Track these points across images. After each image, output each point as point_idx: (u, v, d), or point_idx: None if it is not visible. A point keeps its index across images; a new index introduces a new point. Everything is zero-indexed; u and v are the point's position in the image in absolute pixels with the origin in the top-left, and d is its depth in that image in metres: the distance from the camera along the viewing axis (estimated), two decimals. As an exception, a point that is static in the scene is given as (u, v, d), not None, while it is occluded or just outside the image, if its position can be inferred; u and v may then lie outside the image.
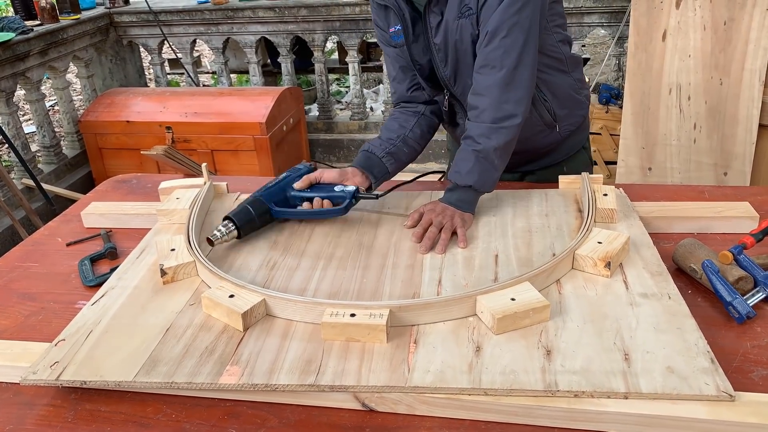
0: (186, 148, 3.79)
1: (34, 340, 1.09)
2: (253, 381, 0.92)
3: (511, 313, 0.99)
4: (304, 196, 1.39)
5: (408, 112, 1.58)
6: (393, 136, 1.52)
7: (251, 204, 1.35)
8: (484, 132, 1.34)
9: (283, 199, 1.39)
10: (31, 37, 3.57)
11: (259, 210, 1.35)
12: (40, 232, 1.53)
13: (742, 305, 1.05)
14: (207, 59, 6.79)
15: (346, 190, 1.38)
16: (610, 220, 1.30)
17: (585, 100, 1.62)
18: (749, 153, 2.86)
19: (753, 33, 2.75)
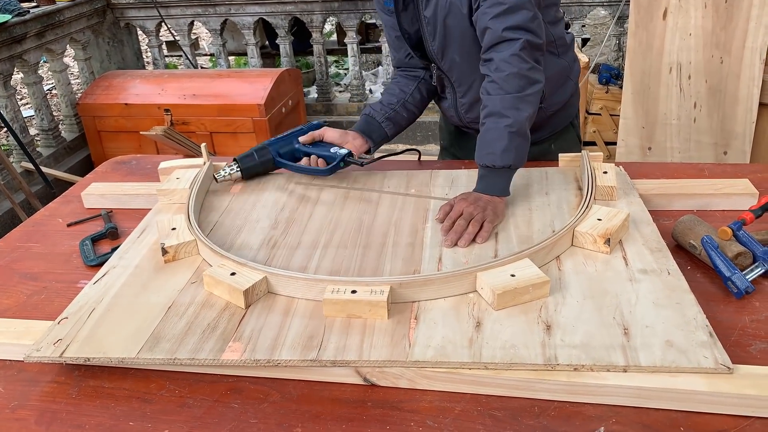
0: (185, 130, 3.78)
1: (37, 318, 1.09)
2: (255, 357, 0.93)
3: (511, 289, 0.99)
4: (305, 151, 1.50)
5: (408, 76, 1.61)
6: (393, 100, 1.57)
7: (258, 150, 1.49)
8: (512, 104, 1.28)
9: (288, 151, 1.51)
10: (27, 19, 3.54)
11: (264, 157, 1.49)
12: (41, 212, 1.53)
13: (740, 280, 1.05)
14: (205, 41, 6.75)
15: (339, 153, 1.46)
16: (609, 197, 1.30)
17: (574, 79, 1.61)
18: (749, 132, 2.86)
19: (754, 10, 2.73)
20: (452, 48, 1.44)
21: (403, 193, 1.41)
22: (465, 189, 1.39)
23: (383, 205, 1.37)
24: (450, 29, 1.41)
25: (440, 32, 1.43)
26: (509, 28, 1.28)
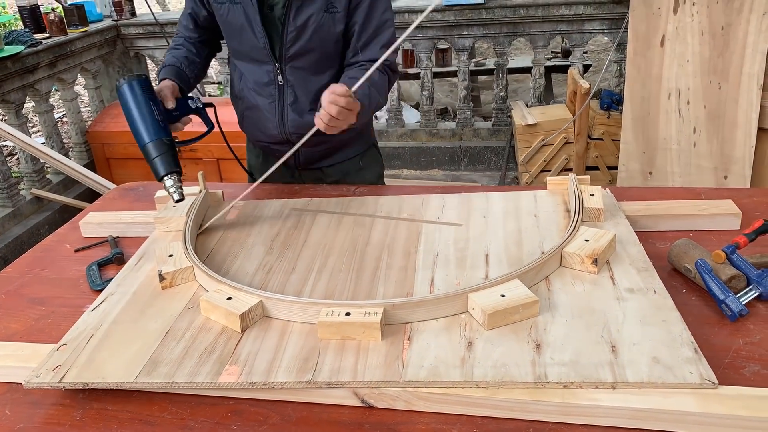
0: (192, 157, 3.84)
1: (44, 342, 1.12)
2: (251, 379, 0.95)
3: (501, 309, 1.02)
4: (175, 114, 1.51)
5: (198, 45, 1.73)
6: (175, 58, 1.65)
7: (161, 147, 1.42)
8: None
9: (166, 119, 1.47)
10: (39, 50, 3.63)
11: (170, 145, 1.44)
12: (50, 238, 1.57)
13: (734, 303, 1.07)
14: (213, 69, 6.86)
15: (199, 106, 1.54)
16: (597, 219, 1.33)
17: None
18: (749, 156, 2.88)
19: (750, 37, 2.77)
20: (308, 58, 1.59)
21: (396, 218, 1.44)
22: (456, 212, 1.44)
23: (376, 230, 1.40)
24: (314, 42, 1.56)
25: (304, 41, 1.56)
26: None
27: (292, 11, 1.53)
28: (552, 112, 3.91)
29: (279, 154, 1.76)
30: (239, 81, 1.73)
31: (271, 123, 1.69)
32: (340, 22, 1.56)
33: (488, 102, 5.61)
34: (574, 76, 3.74)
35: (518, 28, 4.14)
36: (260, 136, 1.77)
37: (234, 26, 1.60)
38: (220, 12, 1.61)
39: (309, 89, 1.63)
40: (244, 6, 1.55)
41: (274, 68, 1.62)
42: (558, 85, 5.62)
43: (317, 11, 1.53)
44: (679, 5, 2.89)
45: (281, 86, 1.64)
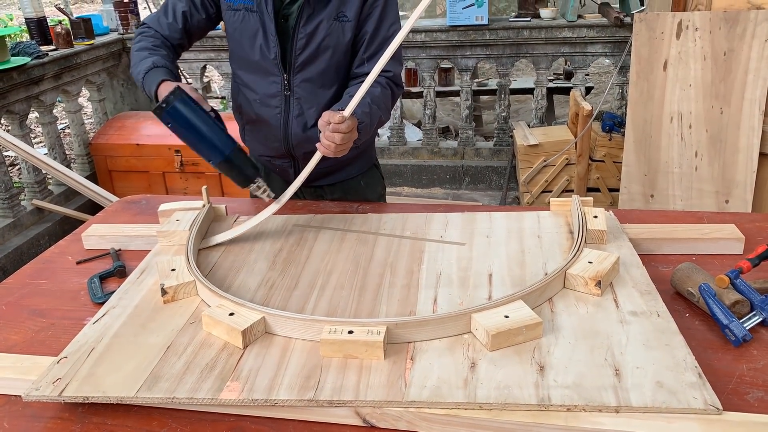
0: (195, 171, 3.85)
1: (43, 354, 1.12)
2: (253, 396, 0.95)
3: (504, 330, 1.01)
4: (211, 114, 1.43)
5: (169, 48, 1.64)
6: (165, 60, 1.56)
7: (241, 153, 1.41)
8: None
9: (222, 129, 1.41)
10: (45, 62, 3.65)
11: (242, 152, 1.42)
12: (51, 250, 1.57)
13: (738, 328, 1.07)
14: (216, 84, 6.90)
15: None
16: (600, 241, 1.33)
17: None
18: (750, 181, 2.88)
19: (752, 63, 2.79)
20: (315, 65, 1.59)
21: (399, 236, 1.45)
22: (460, 232, 1.44)
23: (379, 247, 1.40)
24: (322, 49, 1.57)
25: (312, 49, 1.56)
26: None
27: (303, 18, 1.54)
28: (554, 133, 3.92)
29: (279, 169, 1.80)
30: (239, 93, 1.72)
31: (275, 136, 1.69)
32: (350, 31, 1.56)
33: (490, 122, 5.64)
34: (576, 98, 3.76)
35: (521, 49, 4.18)
36: (262, 150, 1.77)
37: (247, 34, 1.59)
38: (233, 19, 1.60)
39: (315, 102, 1.63)
40: (260, 14, 1.56)
41: (282, 79, 1.62)
42: (560, 106, 5.65)
43: (327, 18, 1.54)
44: (682, 30, 2.91)
45: (287, 98, 1.64)
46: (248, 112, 1.72)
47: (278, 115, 1.66)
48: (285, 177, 1.80)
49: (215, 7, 1.64)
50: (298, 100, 1.63)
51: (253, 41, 1.59)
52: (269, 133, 1.70)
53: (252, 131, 1.76)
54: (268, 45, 1.58)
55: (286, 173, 1.79)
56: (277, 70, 1.61)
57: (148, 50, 1.57)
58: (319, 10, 1.53)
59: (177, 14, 1.63)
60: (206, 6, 1.64)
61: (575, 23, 3.99)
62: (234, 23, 1.60)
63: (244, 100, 1.71)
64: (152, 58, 1.53)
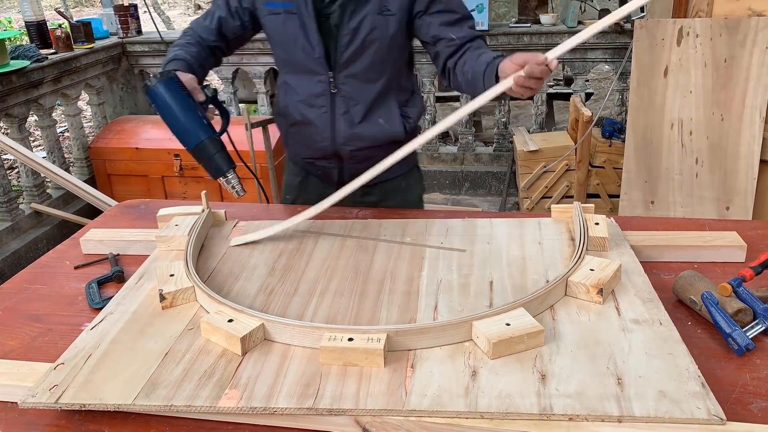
0: (194, 175, 3.85)
1: (40, 360, 1.10)
2: (251, 404, 0.94)
3: (506, 338, 1.01)
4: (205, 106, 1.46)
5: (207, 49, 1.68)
6: (188, 55, 1.60)
7: (216, 144, 1.43)
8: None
9: (208, 121, 1.44)
10: (45, 65, 3.65)
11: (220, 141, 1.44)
12: (49, 255, 1.56)
13: (741, 337, 1.06)
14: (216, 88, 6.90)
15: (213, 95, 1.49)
16: (601, 248, 1.33)
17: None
18: (751, 188, 2.88)
19: (753, 70, 2.79)
20: (360, 60, 1.61)
21: (399, 242, 1.44)
22: (460, 238, 1.44)
23: (379, 254, 1.39)
24: (367, 44, 1.58)
25: (357, 45, 1.58)
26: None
27: (346, 15, 1.56)
28: (554, 139, 3.92)
29: (322, 171, 1.80)
30: (285, 96, 1.73)
31: (321, 136, 1.70)
32: (394, 25, 1.58)
33: (490, 127, 5.64)
34: (576, 104, 3.76)
35: (521, 55, 4.17)
36: (306, 152, 1.78)
37: (288, 36, 1.61)
38: (274, 23, 1.62)
39: (362, 98, 1.65)
40: (300, 16, 1.57)
41: (327, 77, 1.63)
42: (559, 112, 5.65)
43: (371, 13, 1.56)
44: (683, 37, 2.91)
45: (333, 96, 1.65)
46: (293, 114, 1.72)
47: (324, 114, 1.67)
48: (327, 180, 1.81)
49: (248, 17, 1.66)
50: (344, 97, 1.65)
51: (296, 42, 1.61)
52: (315, 134, 1.71)
53: (296, 134, 1.77)
54: (311, 44, 1.59)
55: (329, 175, 1.80)
56: (322, 69, 1.62)
57: (180, 46, 1.63)
58: (361, 5, 1.56)
59: (213, 19, 1.68)
60: (240, 15, 1.66)
61: (575, 29, 3.99)
62: (275, 27, 1.62)
63: (290, 102, 1.72)
64: (176, 52, 1.59)
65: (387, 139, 1.68)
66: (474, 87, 1.51)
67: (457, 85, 1.61)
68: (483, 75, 1.45)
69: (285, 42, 1.63)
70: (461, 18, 1.60)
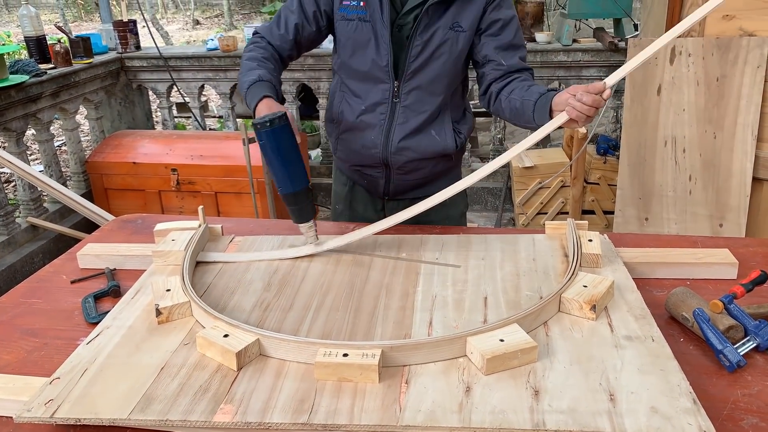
0: (190, 189, 3.86)
1: (36, 375, 1.11)
2: (246, 419, 0.94)
3: (500, 354, 1.01)
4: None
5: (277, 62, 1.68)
6: (271, 74, 1.60)
7: (308, 193, 1.44)
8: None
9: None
10: (44, 80, 3.66)
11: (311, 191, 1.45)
12: (45, 269, 1.56)
13: (732, 354, 1.07)
14: (214, 103, 6.93)
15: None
16: (595, 264, 1.34)
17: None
18: (744, 205, 2.90)
19: (745, 89, 2.83)
20: (426, 72, 1.64)
21: (394, 257, 1.45)
22: (455, 254, 1.45)
23: (375, 269, 1.40)
24: (435, 57, 1.62)
25: (425, 56, 1.61)
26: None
27: (420, 26, 1.59)
28: (549, 156, 3.95)
29: (368, 180, 1.82)
30: (341, 101, 1.75)
31: (374, 143, 1.71)
32: (463, 41, 1.62)
33: (486, 143, 5.67)
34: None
35: (517, 72, 4.20)
36: (355, 159, 1.79)
37: (359, 43, 1.64)
38: (346, 28, 1.64)
39: (421, 110, 1.68)
40: (373, 24, 1.60)
41: (392, 86, 1.66)
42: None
43: (443, 27, 1.60)
44: (676, 56, 2.95)
45: (395, 105, 1.68)
46: (349, 120, 1.74)
47: (382, 122, 1.70)
48: (373, 189, 1.83)
49: (326, 20, 1.68)
50: (405, 107, 1.68)
51: (365, 50, 1.64)
52: (369, 140, 1.72)
53: (349, 139, 1.78)
54: (380, 53, 1.62)
55: (375, 184, 1.82)
56: (388, 78, 1.65)
57: (257, 61, 1.62)
58: (435, 19, 1.59)
59: (289, 26, 1.67)
60: (317, 19, 1.67)
61: (570, 47, 4.03)
62: (347, 33, 1.65)
63: (347, 108, 1.74)
64: (259, 71, 1.57)
65: (438, 152, 1.71)
66: (520, 116, 1.55)
67: (498, 110, 1.65)
68: (534, 105, 1.49)
69: (354, 48, 1.66)
70: (514, 46, 1.65)
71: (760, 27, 2.80)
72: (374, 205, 1.88)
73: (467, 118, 1.81)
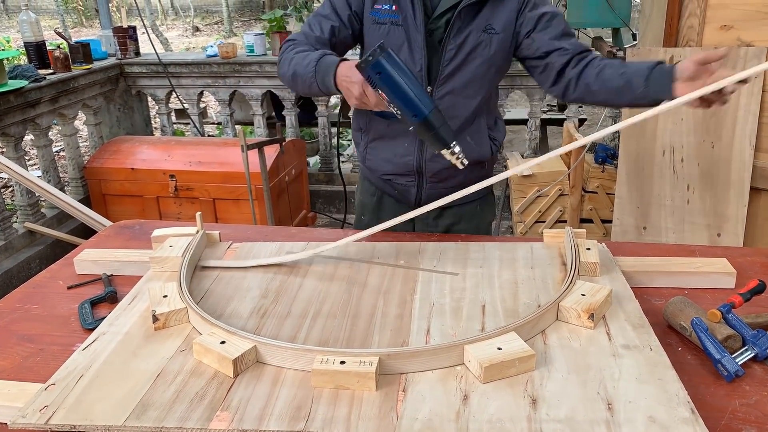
0: (189, 196, 3.85)
1: (32, 381, 1.10)
2: (242, 427, 0.94)
3: (497, 362, 1.01)
4: None
5: None
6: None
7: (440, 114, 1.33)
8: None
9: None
10: (43, 85, 3.67)
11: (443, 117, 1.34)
12: (42, 274, 1.56)
13: (730, 363, 1.07)
14: (213, 110, 6.94)
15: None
16: (593, 273, 1.34)
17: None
18: (741, 215, 2.90)
19: (742, 99, 2.83)
20: (458, 75, 1.62)
21: (392, 264, 1.44)
22: (453, 261, 1.45)
23: (372, 276, 1.40)
24: (469, 60, 1.61)
25: (459, 60, 1.59)
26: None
27: (453, 30, 1.58)
28: (547, 164, 3.95)
29: (399, 189, 1.79)
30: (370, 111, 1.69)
31: (408, 150, 1.69)
32: (497, 44, 1.60)
33: (484, 151, 5.67)
34: (569, 130, 3.80)
35: (515, 81, 4.22)
36: (386, 167, 1.76)
37: (392, 48, 1.59)
38: (378, 32, 1.62)
39: (455, 115, 1.65)
40: (406, 28, 1.59)
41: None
42: (553, 137, 5.70)
43: (476, 30, 1.58)
44: (674, 65, 2.96)
45: None
46: (379, 128, 1.71)
47: (410, 142, 1.67)
48: (404, 199, 1.80)
49: (360, 23, 1.66)
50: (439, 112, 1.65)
51: (398, 54, 1.61)
52: (402, 148, 1.70)
53: (379, 148, 1.75)
54: (414, 57, 1.61)
55: (406, 194, 1.79)
56: (421, 83, 1.63)
57: (306, 50, 1.57)
58: (467, 22, 1.58)
59: (324, 29, 1.64)
60: (352, 22, 1.65)
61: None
62: (378, 37, 1.62)
63: (370, 118, 1.71)
64: (319, 51, 1.53)
65: (474, 158, 1.67)
66: (623, 93, 1.49)
67: (584, 95, 1.60)
68: (646, 80, 1.43)
69: None
70: (569, 35, 1.64)
71: (757, 37, 2.81)
72: (405, 211, 1.83)
73: (500, 125, 1.79)
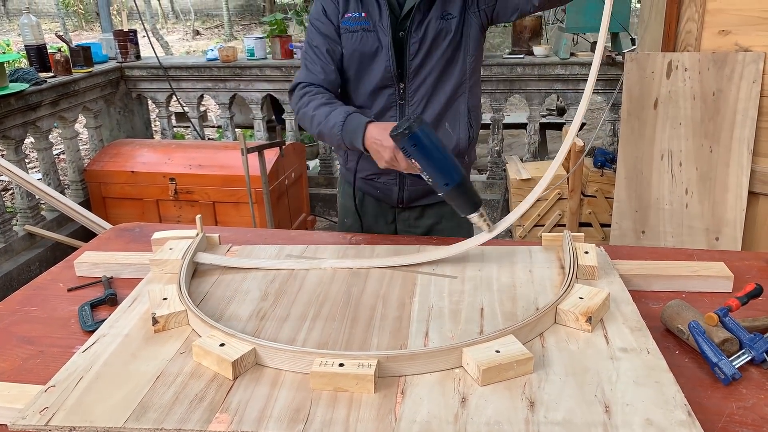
0: (189, 199, 3.86)
1: (32, 383, 1.10)
2: (241, 429, 0.94)
3: (495, 365, 1.02)
4: None
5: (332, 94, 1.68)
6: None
7: (470, 184, 1.42)
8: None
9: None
10: (43, 88, 3.68)
11: (470, 183, 1.43)
12: (43, 276, 1.56)
13: (727, 366, 1.07)
14: (213, 113, 6.95)
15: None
16: (591, 276, 1.34)
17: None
18: (740, 219, 2.91)
19: (740, 104, 2.84)
20: (426, 67, 1.65)
21: (391, 267, 1.45)
22: (452, 264, 1.45)
23: (371, 279, 1.40)
24: (433, 49, 1.64)
25: (424, 51, 1.64)
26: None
27: (414, 24, 1.62)
28: (546, 168, 3.96)
29: (382, 188, 1.82)
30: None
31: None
32: (455, 26, 1.64)
33: (483, 155, 5.68)
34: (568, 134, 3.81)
35: (515, 85, 4.24)
36: (369, 168, 1.77)
37: (366, 54, 1.66)
38: (351, 41, 1.66)
39: (430, 107, 1.69)
40: (377, 32, 1.63)
41: (397, 90, 1.68)
42: (552, 141, 5.71)
43: (434, 18, 1.62)
44: (672, 70, 2.97)
45: (402, 107, 1.69)
46: None
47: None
48: (386, 198, 1.83)
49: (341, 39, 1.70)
50: (414, 107, 1.69)
51: (373, 59, 1.66)
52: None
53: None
54: (386, 59, 1.65)
55: (389, 192, 1.82)
56: (392, 82, 1.67)
57: (329, 105, 1.60)
58: (426, 13, 1.63)
59: (323, 56, 1.68)
60: (338, 38, 1.69)
61: (568, 61, 4.06)
62: (353, 45, 1.66)
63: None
64: (343, 108, 1.57)
65: (452, 147, 1.71)
66: None
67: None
68: None
69: (360, 60, 1.67)
70: None
71: (755, 42, 2.82)
72: (385, 217, 1.88)
73: (478, 113, 1.81)
